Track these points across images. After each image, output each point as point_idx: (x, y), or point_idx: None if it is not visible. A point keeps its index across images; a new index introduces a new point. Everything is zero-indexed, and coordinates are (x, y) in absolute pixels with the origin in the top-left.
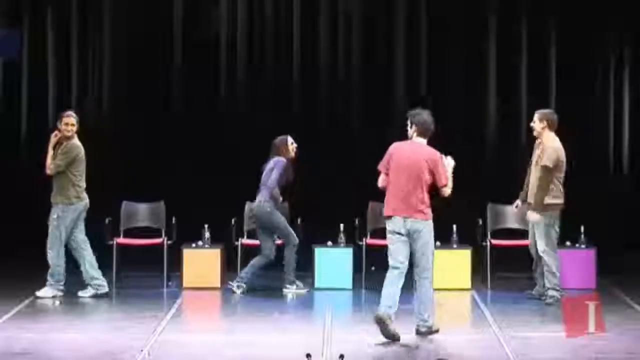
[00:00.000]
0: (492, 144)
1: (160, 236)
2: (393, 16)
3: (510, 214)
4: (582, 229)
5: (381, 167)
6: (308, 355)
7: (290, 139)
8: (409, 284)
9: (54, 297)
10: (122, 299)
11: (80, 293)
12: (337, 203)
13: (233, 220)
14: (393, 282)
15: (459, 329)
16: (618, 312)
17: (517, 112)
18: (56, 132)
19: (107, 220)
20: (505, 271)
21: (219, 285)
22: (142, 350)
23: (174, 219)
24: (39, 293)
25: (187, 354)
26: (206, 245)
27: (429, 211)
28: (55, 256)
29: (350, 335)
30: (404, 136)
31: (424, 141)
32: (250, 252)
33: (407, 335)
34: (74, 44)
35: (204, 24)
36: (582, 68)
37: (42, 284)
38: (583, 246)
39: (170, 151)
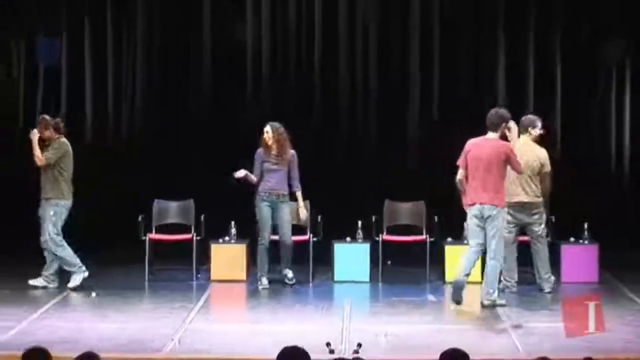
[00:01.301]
0: None
1: (189, 232)
2: (408, 25)
3: None
4: (586, 225)
5: (459, 162)
6: (328, 344)
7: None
8: (412, 280)
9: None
10: (154, 290)
11: (31, 281)
12: (355, 201)
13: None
14: (469, 257)
15: (470, 321)
16: (619, 303)
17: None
18: (35, 130)
19: (140, 218)
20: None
21: (244, 278)
22: (172, 339)
23: (202, 216)
24: (32, 282)
25: (215, 342)
26: (232, 241)
27: (503, 199)
28: (64, 249)
29: (367, 326)
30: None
31: (496, 135)
32: (277, 247)
33: (424, 325)
34: (109, 52)
35: (231, 33)
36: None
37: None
38: (586, 242)
39: (200, 153)
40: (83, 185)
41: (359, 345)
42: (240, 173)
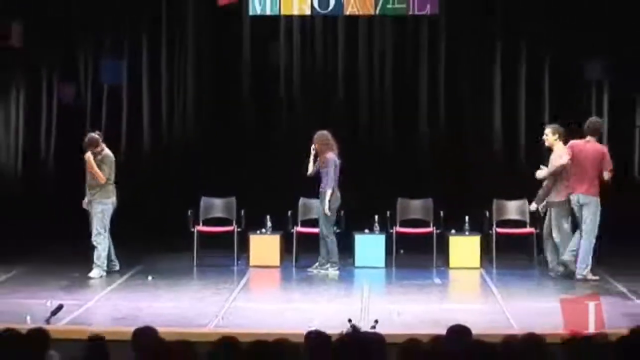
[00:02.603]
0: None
1: (231, 225)
2: (417, 54)
3: (513, 207)
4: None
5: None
6: (349, 320)
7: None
8: (421, 266)
9: (100, 277)
10: (201, 274)
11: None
12: (372, 198)
13: (289, 212)
14: (574, 238)
15: (471, 300)
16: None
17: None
18: (89, 154)
19: (189, 212)
20: (508, 253)
21: (278, 264)
22: (217, 316)
23: (242, 211)
24: (91, 274)
25: (254, 318)
26: (268, 232)
27: (598, 189)
28: (103, 242)
29: (383, 305)
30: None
31: (593, 139)
32: (305, 238)
33: (431, 305)
34: (163, 72)
35: (266, 57)
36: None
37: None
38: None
39: (240, 157)
40: (141, 185)
41: (376, 321)
42: None
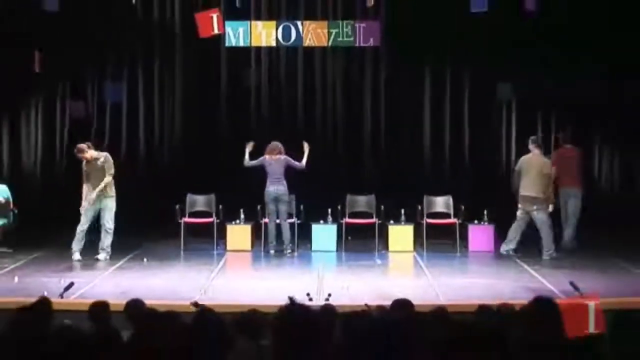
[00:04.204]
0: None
1: (212, 217)
2: (363, 77)
3: (439, 202)
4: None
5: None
6: (308, 294)
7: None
8: (365, 250)
9: (105, 260)
10: (187, 257)
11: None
12: (326, 195)
13: (259, 207)
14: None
15: (406, 277)
16: (510, 266)
17: (444, 137)
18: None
19: (177, 207)
20: (435, 239)
21: (250, 248)
22: (200, 291)
23: (220, 206)
24: (99, 257)
25: (231, 292)
26: (242, 223)
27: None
28: (112, 233)
29: (335, 282)
30: None
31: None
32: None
33: (374, 281)
34: (156, 92)
35: (240, 79)
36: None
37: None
38: (485, 223)
39: (219, 162)
40: (137, 184)
41: (329, 294)
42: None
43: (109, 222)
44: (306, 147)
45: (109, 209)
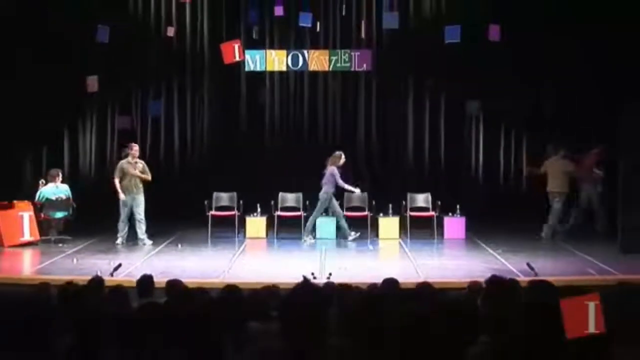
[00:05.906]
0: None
1: (234, 210)
2: (357, 97)
3: (420, 198)
4: (458, 206)
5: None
6: (312, 273)
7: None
8: (360, 238)
9: (144, 244)
10: (214, 244)
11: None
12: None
13: (272, 202)
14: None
15: (393, 260)
16: (478, 250)
17: (423, 146)
18: (138, 172)
19: (205, 202)
20: (417, 229)
21: (264, 236)
22: (224, 270)
23: (241, 201)
24: (146, 242)
25: (250, 271)
26: (258, 216)
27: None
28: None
29: (334, 263)
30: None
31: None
32: (283, 219)
33: (367, 262)
34: (188, 108)
35: (257, 98)
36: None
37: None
38: (458, 215)
39: (239, 166)
40: (173, 184)
41: (330, 274)
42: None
43: (140, 213)
44: (356, 189)
45: (143, 203)
